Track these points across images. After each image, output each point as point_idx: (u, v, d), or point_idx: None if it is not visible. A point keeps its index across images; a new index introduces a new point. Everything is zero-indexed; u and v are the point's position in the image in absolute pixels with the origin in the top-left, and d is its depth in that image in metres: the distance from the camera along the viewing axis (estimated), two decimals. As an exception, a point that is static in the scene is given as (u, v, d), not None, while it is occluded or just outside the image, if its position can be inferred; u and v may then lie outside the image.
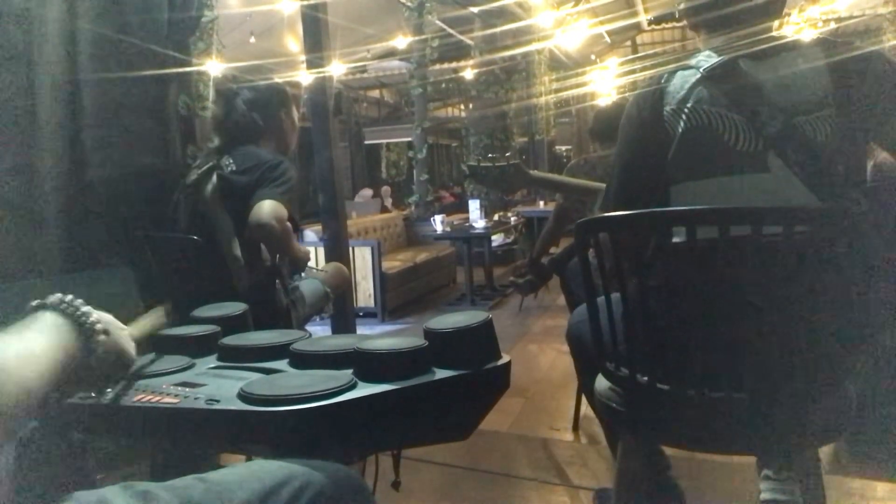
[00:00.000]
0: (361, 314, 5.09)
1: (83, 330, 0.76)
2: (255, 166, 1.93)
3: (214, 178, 1.97)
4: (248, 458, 1.30)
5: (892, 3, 5.44)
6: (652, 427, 1.24)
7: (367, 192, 11.47)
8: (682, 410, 1.14)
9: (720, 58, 1.23)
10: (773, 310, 1.04)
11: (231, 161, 1.98)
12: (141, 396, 0.97)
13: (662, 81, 1.28)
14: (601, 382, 1.30)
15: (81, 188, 1.93)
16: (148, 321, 1.10)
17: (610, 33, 10.09)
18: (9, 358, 0.64)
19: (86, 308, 0.77)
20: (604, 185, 1.53)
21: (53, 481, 0.74)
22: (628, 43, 12.37)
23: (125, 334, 0.89)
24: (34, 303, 0.76)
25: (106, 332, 0.79)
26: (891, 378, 1.89)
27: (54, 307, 0.76)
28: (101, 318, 0.82)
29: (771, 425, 1.10)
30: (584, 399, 2.39)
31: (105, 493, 0.72)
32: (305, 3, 3.19)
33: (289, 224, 1.88)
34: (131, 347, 0.89)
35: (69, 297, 0.77)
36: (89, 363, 0.77)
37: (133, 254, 2.00)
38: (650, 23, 10.93)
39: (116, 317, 0.87)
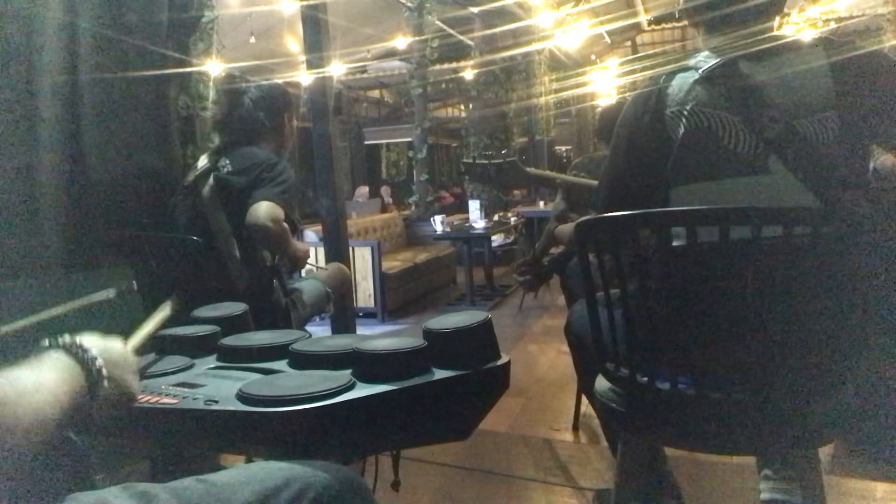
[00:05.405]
0: (361, 314, 5.08)
1: (90, 374, 0.78)
2: (251, 167, 1.93)
3: (211, 179, 1.97)
4: (248, 459, 1.30)
5: (892, 3, 5.44)
6: (652, 427, 1.24)
7: (364, 189, 11.43)
8: (682, 410, 1.13)
9: (719, 59, 1.22)
10: (773, 311, 1.04)
11: (228, 162, 1.98)
12: (140, 397, 0.97)
13: (661, 82, 1.27)
14: (601, 382, 1.30)
15: (81, 188, 1.93)
16: (153, 323, 1.10)
17: (610, 33, 10.09)
18: (27, 388, 0.67)
19: (93, 352, 0.79)
20: None
21: (53, 482, 0.74)
22: (628, 43, 12.36)
23: (130, 368, 0.88)
24: (46, 342, 0.78)
25: (110, 377, 0.80)
26: (890, 378, 1.89)
27: (65, 348, 0.78)
28: (109, 351, 0.83)
29: (770, 425, 1.10)
30: (584, 399, 2.39)
31: (105, 493, 0.72)
32: (305, 3, 3.19)
33: (286, 224, 1.88)
34: (135, 385, 0.88)
35: (78, 339, 0.79)
36: (91, 405, 0.78)
37: (133, 254, 2.00)
38: (650, 23, 10.91)
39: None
